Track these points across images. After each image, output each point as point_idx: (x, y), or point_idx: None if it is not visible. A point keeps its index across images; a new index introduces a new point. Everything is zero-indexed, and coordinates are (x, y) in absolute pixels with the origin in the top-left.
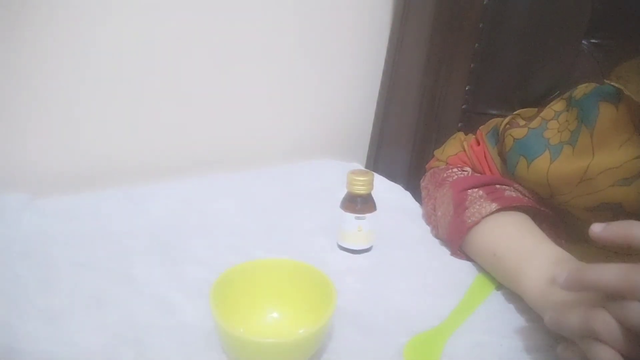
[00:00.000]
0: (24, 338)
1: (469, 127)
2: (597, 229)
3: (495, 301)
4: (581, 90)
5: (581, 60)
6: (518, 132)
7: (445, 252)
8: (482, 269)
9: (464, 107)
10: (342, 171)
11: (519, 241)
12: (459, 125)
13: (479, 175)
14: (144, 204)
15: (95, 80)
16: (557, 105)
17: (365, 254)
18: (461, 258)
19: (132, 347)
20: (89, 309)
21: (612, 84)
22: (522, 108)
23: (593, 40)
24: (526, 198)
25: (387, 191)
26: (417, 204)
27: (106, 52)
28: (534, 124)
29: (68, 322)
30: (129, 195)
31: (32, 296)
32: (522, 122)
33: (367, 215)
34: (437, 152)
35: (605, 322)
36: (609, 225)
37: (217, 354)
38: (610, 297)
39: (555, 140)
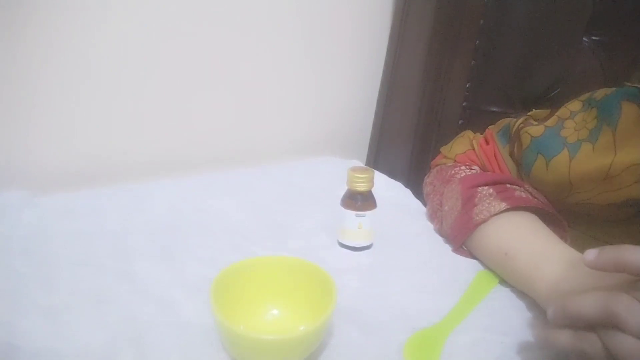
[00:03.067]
0: (24, 335)
1: (470, 124)
2: (590, 257)
3: (496, 299)
4: (602, 92)
5: (582, 57)
6: (535, 130)
7: (446, 249)
8: (483, 266)
9: (464, 104)
10: (343, 168)
11: (532, 242)
12: (460, 122)
13: (489, 173)
14: (144, 202)
15: (95, 79)
16: (573, 106)
17: (366, 251)
18: (463, 255)
19: (132, 344)
20: (89, 307)
21: (634, 85)
22: (523, 105)
23: (594, 37)
24: (535, 200)
25: (388, 188)
26: (417, 201)
27: (106, 51)
28: (550, 122)
29: (68, 320)
30: (129, 193)
31: (32, 293)
32: (535, 123)
33: (368, 212)
34: (444, 149)
35: (628, 304)
36: (602, 253)
37: (217, 351)
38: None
39: (573, 138)
